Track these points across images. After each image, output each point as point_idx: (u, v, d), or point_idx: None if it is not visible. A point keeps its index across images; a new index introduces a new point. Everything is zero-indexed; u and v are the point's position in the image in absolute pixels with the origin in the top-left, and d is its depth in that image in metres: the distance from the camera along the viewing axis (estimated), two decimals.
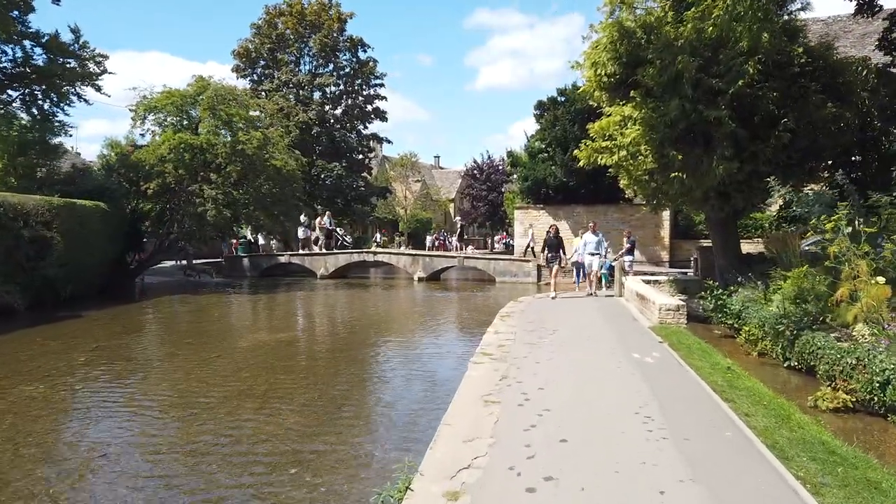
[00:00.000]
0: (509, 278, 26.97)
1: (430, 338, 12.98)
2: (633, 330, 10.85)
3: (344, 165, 35.39)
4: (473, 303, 20.25)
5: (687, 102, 14.12)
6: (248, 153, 21.73)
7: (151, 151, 21.56)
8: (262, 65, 36.51)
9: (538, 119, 29.86)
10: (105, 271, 20.89)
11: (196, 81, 22.53)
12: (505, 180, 50.96)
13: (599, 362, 7.88)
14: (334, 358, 10.40)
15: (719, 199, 15.97)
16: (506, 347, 9.04)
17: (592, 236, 16.83)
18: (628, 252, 22.08)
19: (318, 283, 27.83)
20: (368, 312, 17.82)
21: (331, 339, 12.46)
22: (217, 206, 21.14)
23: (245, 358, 10.44)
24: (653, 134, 14.99)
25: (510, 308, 14.42)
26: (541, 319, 12.11)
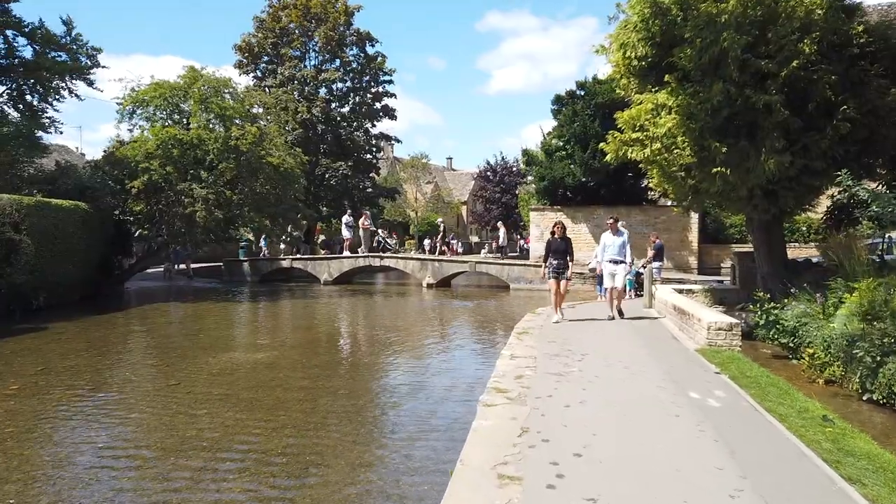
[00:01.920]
0: (524, 285, 25.08)
1: (435, 359, 11.12)
2: (678, 355, 8.94)
3: (350, 165, 33.63)
4: (486, 314, 18.40)
5: (732, 86, 12.28)
6: (241, 149, 20.00)
7: (137, 147, 19.93)
8: (265, 60, 34.87)
9: (556, 115, 27.93)
10: (87, 277, 19.26)
11: (187, 72, 20.86)
12: (519, 182, 49.11)
13: (649, 406, 6.00)
14: (314, 388, 8.58)
15: (766, 198, 14.05)
16: (524, 380, 7.18)
17: (613, 237, 12.44)
18: (655, 258, 20.18)
19: (321, 289, 26.13)
20: (367, 325, 16.01)
21: (316, 360, 10.64)
22: (208, 206, 19.43)
23: (208, 387, 8.66)
24: (691, 123, 13.12)
25: (527, 323, 12.56)
26: (564, 339, 10.23)
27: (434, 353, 11.53)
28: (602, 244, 12.57)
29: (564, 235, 11.78)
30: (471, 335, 14.20)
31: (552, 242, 11.73)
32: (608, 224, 12.78)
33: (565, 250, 11.67)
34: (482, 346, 12.77)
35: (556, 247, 11.64)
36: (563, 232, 11.81)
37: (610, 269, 12.39)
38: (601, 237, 12.79)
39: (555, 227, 11.91)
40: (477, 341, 13.45)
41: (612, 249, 12.38)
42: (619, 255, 12.38)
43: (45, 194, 19.28)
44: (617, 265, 12.32)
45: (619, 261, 12.33)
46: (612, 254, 12.35)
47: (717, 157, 12.74)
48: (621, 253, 12.46)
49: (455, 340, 13.25)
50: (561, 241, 11.70)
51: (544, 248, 11.99)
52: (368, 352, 11.58)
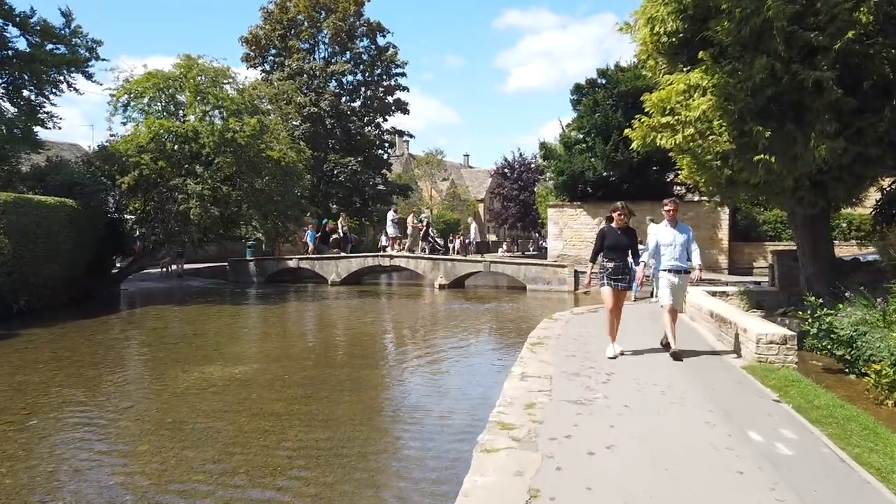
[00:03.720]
0: (542, 286, 23.57)
1: (435, 375, 9.71)
2: (723, 374, 7.43)
3: (360, 161, 32.32)
4: (499, 318, 16.95)
5: (777, 62, 10.75)
6: (239, 143, 18.73)
7: (130, 141, 18.76)
8: (273, 53, 33.72)
9: (575, 105, 26.38)
10: (75, 279, 18.14)
11: (182, 60, 19.64)
12: (537, 179, 47.63)
13: (700, 456, 4.54)
14: (287, 415, 7.22)
15: (813, 190, 12.49)
16: (536, 411, 5.75)
17: (672, 232, 8.28)
18: None
19: (328, 290, 24.88)
20: (368, 332, 14.65)
21: (300, 376, 9.29)
22: (203, 203, 18.18)
23: (163, 412, 7.34)
24: (729, 105, 11.58)
25: (543, 330, 11.11)
26: (585, 352, 8.78)
27: (435, 368, 10.12)
28: (655, 242, 8.41)
29: (628, 227, 8.13)
30: (480, 344, 12.77)
31: (608, 234, 8.05)
32: (666, 210, 8.40)
33: (628, 246, 8.01)
34: (491, 358, 11.34)
35: (615, 241, 7.96)
36: (626, 220, 8.12)
37: (670, 282, 8.24)
38: (652, 232, 8.60)
39: (614, 211, 8.13)
40: (486, 352, 12.02)
41: (672, 251, 8.24)
42: (683, 261, 8.20)
43: (37, 191, 18.29)
44: (680, 275, 8.24)
45: (684, 269, 8.24)
46: (674, 257, 8.20)
47: (760, 143, 11.22)
48: (683, 255, 8.24)
49: (461, 351, 11.83)
50: (622, 232, 8.00)
51: (595, 241, 8.34)
52: (362, 364, 10.20)
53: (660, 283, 8.67)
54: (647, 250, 8.56)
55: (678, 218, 8.48)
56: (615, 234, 8.07)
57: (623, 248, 8.05)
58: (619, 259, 7.99)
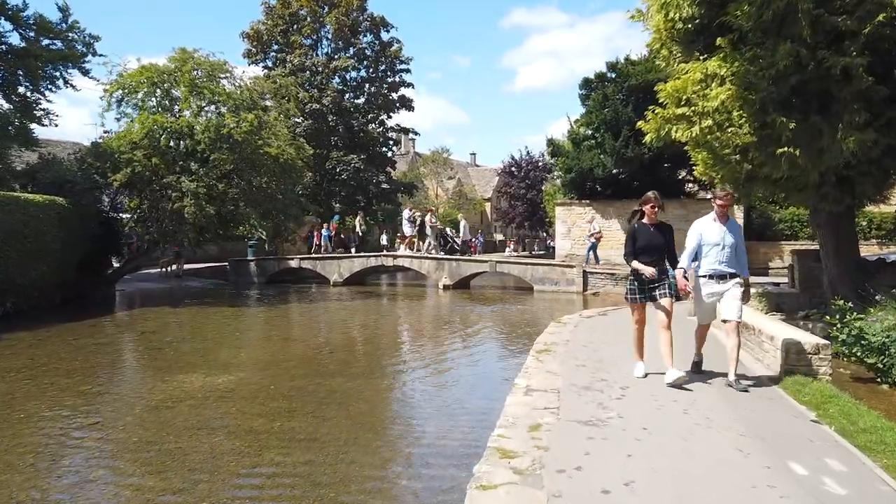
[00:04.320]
0: (549, 286, 22.82)
1: (433, 387, 8.98)
2: (751, 389, 6.69)
3: (363, 158, 31.63)
4: (505, 320, 16.24)
5: (802, 48, 10.00)
6: (236, 139, 18.07)
7: (122, 137, 18.15)
8: (275, 49, 33.09)
9: (584, 100, 25.59)
10: (67, 279, 17.56)
11: (177, 54, 19.01)
12: (545, 178, 46.92)
13: (736, 497, 3.83)
14: (266, 433, 6.52)
15: (839, 186, 11.73)
16: (542, 433, 5.03)
17: (721, 230, 6.52)
18: None
19: (330, 291, 24.25)
20: (364, 336, 13.97)
21: (286, 386, 8.61)
22: (198, 201, 17.53)
23: (130, 430, 6.66)
24: (750, 94, 10.82)
25: (551, 335, 10.39)
26: (596, 361, 8.07)
27: (434, 377, 9.41)
28: (696, 242, 6.57)
29: (662, 225, 6.66)
30: (483, 351, 12.05)
31: (641, 232, 6.58)
32: (716, 202, 6.58)
33: (664, 245, 6.55)
34: (495, 366, 10.62)
35: (648, 240, 6.53)
36: (655, 213, 6.58)
37: (712, 291, 6.55)
38: (695, 229, 6.65)
39: (644, 204, 6.59)
40: (489, 359, 11.29)
41: (719, 252, 6.46)
42: (731, 264, 6.49)
43: (31, 189, 17.74)
44: (726, 281, 6.48)
45: (733, 274, 6.51)
46: (720, 260, 6.44)
47: (784, 136, 10.48)
48: (733, 258, 6.50)
49: (463, 358, 11.12)
50: (655, 229, 6.55)
51: (626, 242, 6.86)
52: (355, 373, 9.50)
53: (700, 290, 6.68)
54: (686, 252, 6.64)
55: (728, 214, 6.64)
56: (647, 233, 6.55)
57: (658, 250, 6.52)
58: (655, 262, 6.51)
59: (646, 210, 6.64)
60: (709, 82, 11.42)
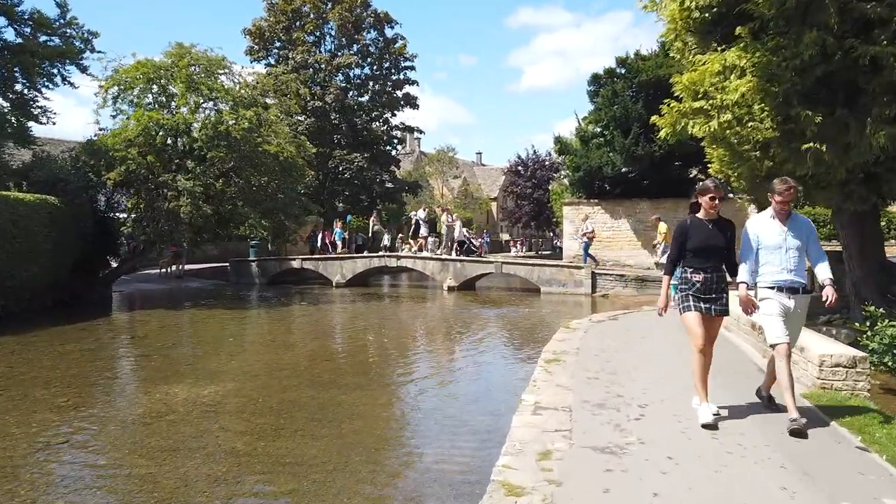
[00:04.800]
0: (557, 288, 22.18)
1: (433, 401, 8.36)
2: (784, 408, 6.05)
3: (367, 157, 31.05)
4: (511, 325, 15.62)
5: (829, 36, 9.37)
6: (234, 136, 17.51)
7: (118, 134, 17.62)
8: (277, 46, 32.55)
9: (592, 97, 24.90)
10: (59, 280, 17.03)
11: (173, 49, 18.46)
12: (551, 177, 46.25)
13: None
14: (248, 454, 5.93)
15: (865, 183, 11.08)
16: (553, 463, 4.42)
17: (780, 231, 5.24)
18: None
19: (332, 292, 23.71)
20: (364, 342, 13.37)
21: (276, 399, 8.02)
22: (194, 200, 16.98)
23: (98, 451, 6.08)
24: (772, 87, 10.18)
25: (559, 343, 9.79)
26: (610, 372, 7.45)
27: (435, 389, 8.80)
28: (753, 244, 5.33)
29: (724, 223, 5.36)
30: (488, 359, 11.42)
31: (694, 229, 5.30)
32: (774, 200, 5.32)
33: (724, 247, 5.28)
34: (501, 377, 9.98)
35: (705, 240, 5.24)
36: (717, 206, 5.30)
37: (782, 306, 5.23)
38: (751, 229, 5.40)
39: (702, 194, 5.30)
40: (495, 368, 10.66)
41: (783, 258, 5.22)
42: (801, 273, 5.26)
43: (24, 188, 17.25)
44: (797, 297, 5.29)
45: (802, 287, 5.31)
46: (786, 267, 5.21)
47: (808, 130, 9.86)
48: (799, 265, 5.25)
49: (467, 367, 10.51)
50: (714, 226, 5.28)
51: (672, 241, 5.61)
52: (352, 384, 8.90)
53: (763, 307, 5.29)
54: (744, 260, 5.35)
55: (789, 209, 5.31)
56: (705, 230, 5.26)
57: (716, 252, 5.25)
58: (712, 269, 5.23)
59: (703, 202, 5.30)
60: (727, 74, 10.80)
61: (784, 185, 5.29)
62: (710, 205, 5.29)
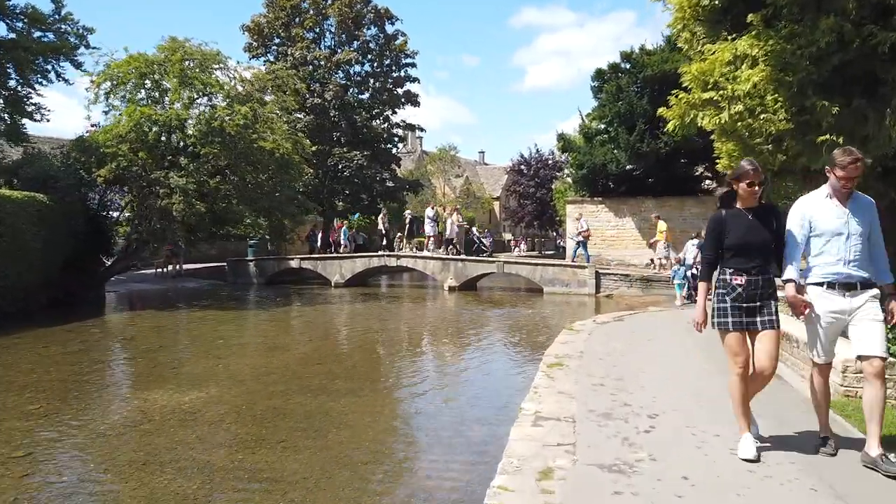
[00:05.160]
0: (559, 288, 21.68)
1: (425, 410, 7.86)
2: (806, 418, 5.55)
3: (367, 155, 30.59)
4: (513, 326, 15.13)
5: (846, 23, 8.85)
6: (228, 132, 17.06)
7: (109, 130, 17.18)
8: (276, 42, 32.12)
9: (596, 93, 24.40)
10: (51, 280, 16.62)
11: (167, 43, 18.02)
12: (555, 176, 45.74)
13: None
14: (223, 470, 5.46)
15: (882, 178, 10.57)
16: (554, 485, 3.94)
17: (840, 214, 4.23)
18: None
19: (331, 292, 23.27)
20: (359, 345, 12.92)
21: (260, 407, 7.56)
22: (187, 198, 16.53)
23: (61, 465, 5.63)
24: (786, 76, 9.66)
25: (562, 345, 9.32)
26: (616, 378, 6.97)
27: (430, 396, 8.31)
28: (804, 233, 4.33)
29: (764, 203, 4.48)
30: (487, 362, 10.93)
31: (730, 222, 4.36)
32: (835, 175, 4.19)
33: (770, 241, 4.32)
34: (500, 382, 9.48)
35: (745, 233, 4.29)
36: (757, 192, 4.32)
37: (838, 308, 4.22)
38: (799, 212, 4.38)
39: (739, 179, 4.29)
40: (494, 372, 10.16)
41: (841, 247, 4.22)
42: (862, 266, 4.20)
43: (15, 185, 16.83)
44: (859, 294, 4.19)
45: (865, 282, 4.22)
46: (844, 258, 4.21)
47: (825, 122, 9.32)
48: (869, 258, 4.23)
49: (465, 370, 10.04)
50: (755, 216, 4.31)
51: (706, 239, 4.72)
52: (342, 389, 8.41)
53: (822, 309, 4.26)
54: (791, 251, 4.37)
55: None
56: (745, 222, 4.29)
57: (761, 249, 4.27)
58: (757, 269, 4.27)
59: (740, 189, 4.30)
60: (739, 64, 10.28)
61: (849, 157, 4.17)
62: (748, 192, 4.28)
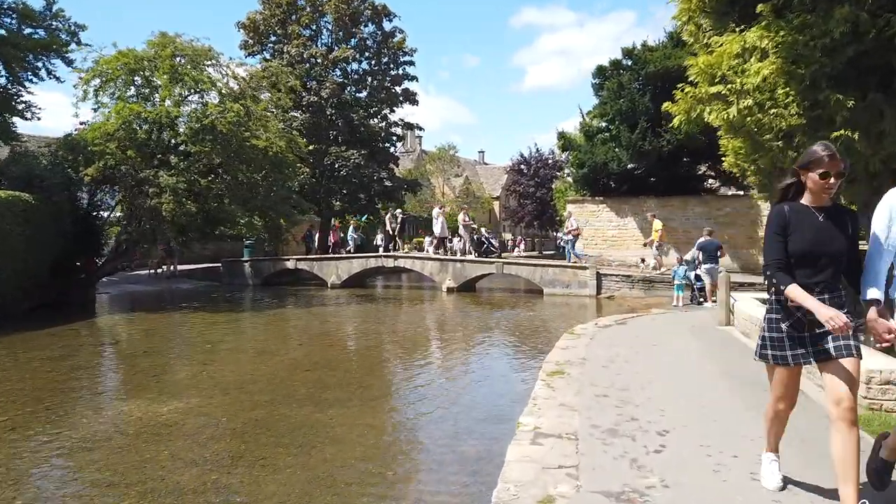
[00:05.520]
0: (560, 289, 21.22)
1: (417, 419, 7.45)
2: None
3: (364, 154, 30.11)
4: (512, 328, 14.67)
5: (862, 12, 8.43)
6: (220, 130, 16.59)
7: (97, 128, 16.71)
8: (272, 40, 31.65)
9: (597, 90, 23.92)
10: (39, 282, 16.18)
11: (156, 38, 17.54)
12: (555, 175, 45.28)
13: None
14: (194, 491, 4.99)
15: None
16: None
17: None
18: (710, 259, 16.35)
19: (327, 294, 22.84)
20: (351, 350, 12.48)
21: (240, 420, 7.10)
22: (177, 197, 16.06)
23: (24, 485, 5.17)
24: (798, 68, 9.28)
25: (563, 351, 8.89)
26: (621, 388, 6.53)
27: (422, 406, 7.83)
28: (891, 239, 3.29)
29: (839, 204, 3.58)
30: (484, 369, 10.48)
31: (800, 219, 3.32)
32: None
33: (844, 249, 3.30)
34: (497, 391, 8.99)
35: (815, 237, 3.27)
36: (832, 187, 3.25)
37: None
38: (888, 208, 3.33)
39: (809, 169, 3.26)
40: (491, 381, 9.67)
41: None
42: None
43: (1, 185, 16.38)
44: None
45: None
46: None
47: (839, 116, 8.94)
48: None
49: (461, 378, 9.57)
50: (827, 217, 3.30)
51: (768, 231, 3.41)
52: (330, 399, 7.93)
53: None
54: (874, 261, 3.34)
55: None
56: (814, 223, 3.33)
57: (834, 259, 3.30)
58: (825, 285, 3.31)
59: (809, 181, 3.32)
60: (748, 56, 9.87)
61: None
62: (821, 185, 3.27)
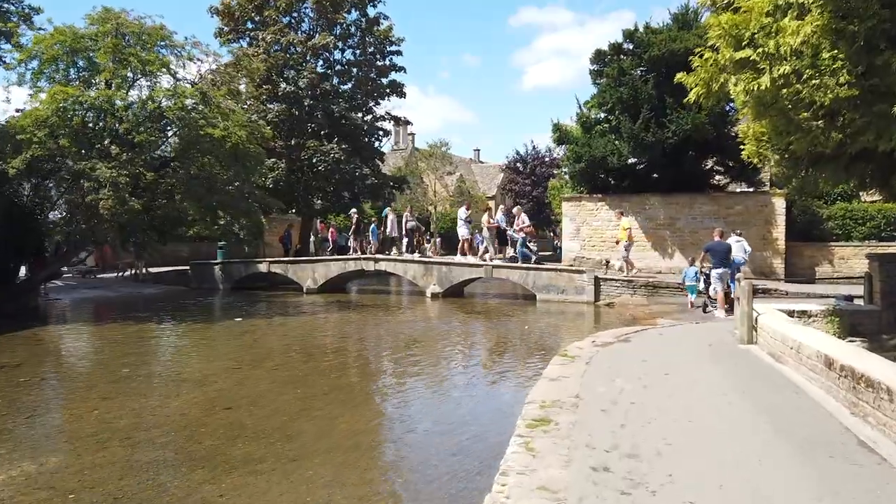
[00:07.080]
0: (555, 295, 19.23)
1: (348, 496, 5.46)
2: None
3: (344, 148, 28.09)
4: (498, 344, 12.68)
5: None
6: (168, 117, 14.60)
7: (29, 115, 14.72)
8: (250, 28, 29.63)
9: (596, 78, 21.92)
10: None
11: (99, 14, 15.54)
12: (552, 174, 43.41)
13: None
14: None
15: None
16: None
17: None
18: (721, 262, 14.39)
19: (302, 300, 20.87)
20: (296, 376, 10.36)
21: (97, 498, 5.16)
22: (118, 192, 14.06)
23: None
24: (849, 25, 7.35)
25: (552, 384, 6.93)
26: (629, 451, 4.55)
27: (340, 482, 5.86)
28: None
29: None
30: (450, 412, 8.46)
31: None
32: None
33: None
34: (462, 451, 6.97)
35: None
36: None
37: None
38: None
39: None
40: (455, 432, 7.65)
41: None
42: None
43: None
44: None
45: None
46: None
47: None
48: None
49: (414, 429, 7.56)
50: None
51: None
52: (238, 457, 5.94)
53: None
54: None
55: None
56: None
57: None
58: None
59: None
60: (782, 14, 7.91)
61: None
62: None
